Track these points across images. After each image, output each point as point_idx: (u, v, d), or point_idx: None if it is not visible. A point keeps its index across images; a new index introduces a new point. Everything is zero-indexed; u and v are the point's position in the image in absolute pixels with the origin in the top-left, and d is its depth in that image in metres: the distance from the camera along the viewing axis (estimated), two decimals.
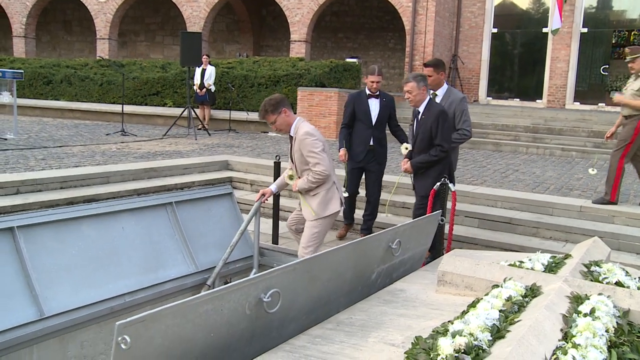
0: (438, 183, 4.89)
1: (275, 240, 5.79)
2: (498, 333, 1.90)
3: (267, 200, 4.75)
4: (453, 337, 1.82)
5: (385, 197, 6.46)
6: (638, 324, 2.08)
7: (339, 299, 2.70)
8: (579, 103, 16.79)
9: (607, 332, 1.89)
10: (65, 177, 6.76)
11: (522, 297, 2.26)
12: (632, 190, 7.68)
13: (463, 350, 1.74)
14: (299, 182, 4.41)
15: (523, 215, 6.36)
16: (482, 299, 2.22)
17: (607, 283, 2.41)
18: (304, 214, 4.51)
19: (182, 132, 12.81)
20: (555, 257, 2.85)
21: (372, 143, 6.07)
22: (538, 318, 1.94)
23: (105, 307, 3.61)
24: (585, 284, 2.38)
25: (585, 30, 16.94)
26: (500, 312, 2.06)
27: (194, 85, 13.87)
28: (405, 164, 5.14)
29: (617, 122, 6.83)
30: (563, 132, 12.84)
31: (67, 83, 17.73)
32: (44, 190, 6.42)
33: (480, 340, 1.80)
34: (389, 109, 6.15)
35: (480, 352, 1.76)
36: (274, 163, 5.97)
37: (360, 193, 6.36)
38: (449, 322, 2.03)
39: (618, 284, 2.39)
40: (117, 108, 14.23)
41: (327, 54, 21.33)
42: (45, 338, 3.28)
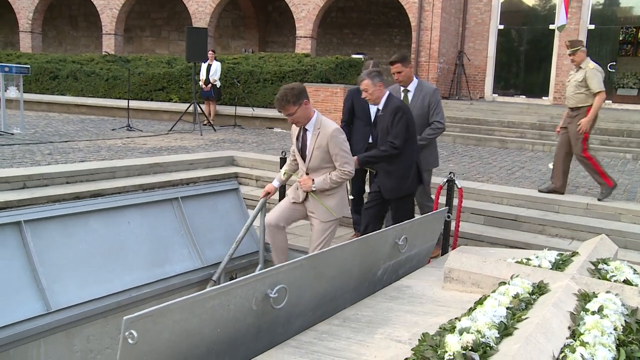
0: (445, 180, 4.85)
1: None
2: (505, 330, 1.89)
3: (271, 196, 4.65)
4: (460, 334, 1.82)
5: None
6: None
7: (345, 295, 2.70)
8: None
9: (615, 330, 1.88)
10: (72, 172, 6.78)
11: (529, 294, 2.25)
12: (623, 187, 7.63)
13: (470, 348, 1.74)
14: (317, 181, 4.10)
15: (529, 213, 6.34)
16: (489, 296, 2.22)
17: (615, 281, 2.40)
18: (318, 215, 4.21)
19: (187, 127, 12.82)
20: (562, 254, 2.84)
21: (371, 140, 5.88)
22: (546, 315, 1.93)
23: (112, 301, 3.62)
24: (593, 282, 2.37)
25: (593, 27, 16.85)
26: (508, 309, 2.05)
27: (200, 81, 13.88)
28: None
29: (563, 114, 6.91)
30: None
31: (73, 78, 17.76)
32: (50, 185, 6.44)
33: (488, 338, 1.80)
34: None
35: (488, 349, 1.75)
36: (280, 159, 5.96)
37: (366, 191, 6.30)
38: (456, 319, 2.03)
39: (626, 282, 2.38)
40: (122, 103, 14.25)
41: (332, 50, 21.29)
42: (52, 332, 3.30)
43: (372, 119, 5.84)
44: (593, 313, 1.98)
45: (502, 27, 18.14)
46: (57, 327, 3.31)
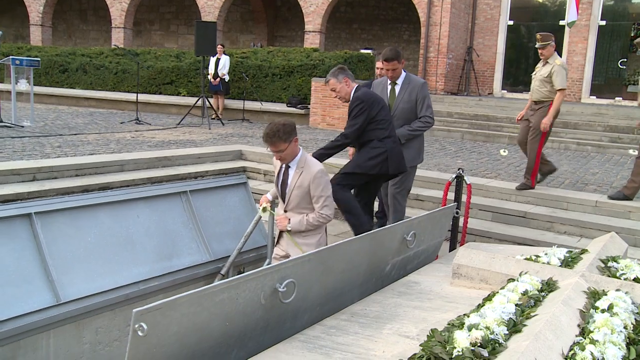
0: (454, 176, 4.82)
1: None
2: (514, 327, 1.89)
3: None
4: (469, 330, 1.82)
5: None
6: None
7: (353, 290, 2.70)
8: (595, 97, 16.58)
9: (625, 328, 1.87)
10: (81, 164, 6.81)
11: (538, 291, 2.25)
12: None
13: (479, 344, 1.73)
14: (293, 222, 3.83)
15: (537, 210, 6.31)
16: (498, 293, 2.21)
17: (625, 279, 2.38)
18: (293, 255, 3.70)
19: (195, 121, 12.85)
20: (572, 251, 2.83)
21: None
22: (555, 313, 1.93)
23: (120, 294, 3.64)
24: (603, 280, 2.36)
25: (604, 23, 16.70)
26: (517, 306, 2.05)
27: (208, 75, 13.89)
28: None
29: (526, 105, 6.93)
30: (579, 126, 12.71)
31: (82, 71, 17.83)
32: (60, 178, 6.48)
33: (497, 334, 1.80)
34: None
35: (497, 345, 1.75)
36: None
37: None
38: (465, 315, 2.03)
39: (636, 280, 2.37)
40: (131, 97, 14.29)
41: (341, 45, 21.24)
42: (61, 324, 3.32)
43: None
44: (603, 311, 1.97)
45: (511, 23, 18.02)
46: (66, 318, 3.33)
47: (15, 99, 10.70)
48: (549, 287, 2.30)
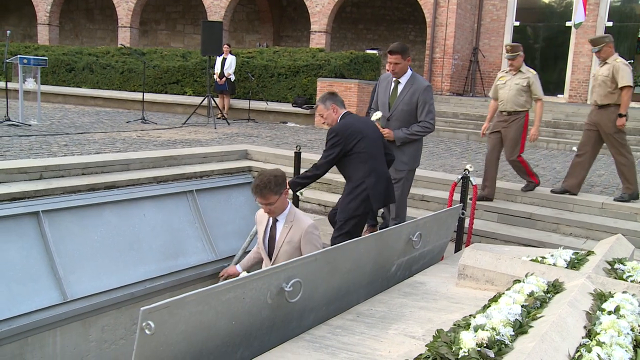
0: (459, 177, 4.81)
1: None
2: (520, 328, 1.89)
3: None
4: (475, 331, 1.82)
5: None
6: None
7: (359, 291, 2.71)
8: None
9: (632, 330, 1.86)
10: (87, 163, 6.83)
11: (544, 292, 2.24)
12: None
13: (485, 345, 1.74)
14: None
15: (543, 211, 6.30)
16: (504, 294, 2.21)
17: (631, 281, 2.38)
18: None
19: (201, 120, 12.87)
20: (578, 253, 2.82)
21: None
22: (561, 314, 1.93)
23: (126, 292, 3.66)
24: (609, 282, 2.35)
25: (611, 24, 16.63)
26: (523, 307, 2.05)
27: (214, 74, 13.91)
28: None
29: (488, 116, 6.83)
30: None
31: (89, 70, 17.89)
32: (66, 176, 6.49)
33: (503, 335, 1.80)
34: None
35: (503, 346, 1.75)
36: (295, 153, 5.96)
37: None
38: (471, 316, 2.03)
39: None
40: (137, 96, 14.33)
41: (346, 45, 21.24)
42: (69, 321, 3.34)
43: None
44: (609, 313, 1.97)
45: (517, 24, 17.98)
46: (73, 316, 3.36)
47: (23, 98, 10.74)
48: (555, 288, 2.30)
